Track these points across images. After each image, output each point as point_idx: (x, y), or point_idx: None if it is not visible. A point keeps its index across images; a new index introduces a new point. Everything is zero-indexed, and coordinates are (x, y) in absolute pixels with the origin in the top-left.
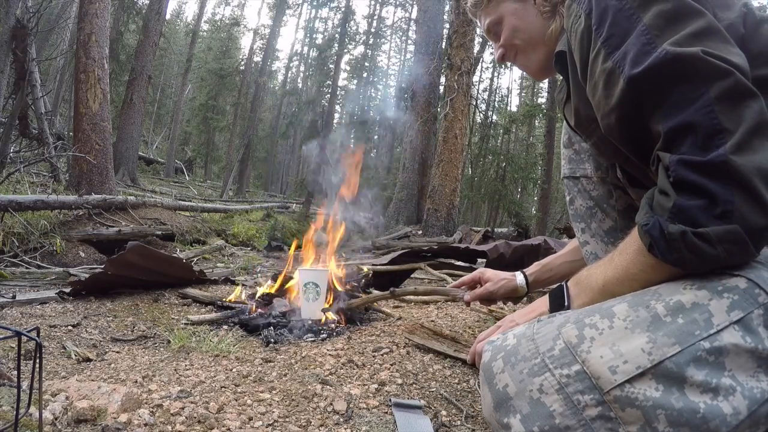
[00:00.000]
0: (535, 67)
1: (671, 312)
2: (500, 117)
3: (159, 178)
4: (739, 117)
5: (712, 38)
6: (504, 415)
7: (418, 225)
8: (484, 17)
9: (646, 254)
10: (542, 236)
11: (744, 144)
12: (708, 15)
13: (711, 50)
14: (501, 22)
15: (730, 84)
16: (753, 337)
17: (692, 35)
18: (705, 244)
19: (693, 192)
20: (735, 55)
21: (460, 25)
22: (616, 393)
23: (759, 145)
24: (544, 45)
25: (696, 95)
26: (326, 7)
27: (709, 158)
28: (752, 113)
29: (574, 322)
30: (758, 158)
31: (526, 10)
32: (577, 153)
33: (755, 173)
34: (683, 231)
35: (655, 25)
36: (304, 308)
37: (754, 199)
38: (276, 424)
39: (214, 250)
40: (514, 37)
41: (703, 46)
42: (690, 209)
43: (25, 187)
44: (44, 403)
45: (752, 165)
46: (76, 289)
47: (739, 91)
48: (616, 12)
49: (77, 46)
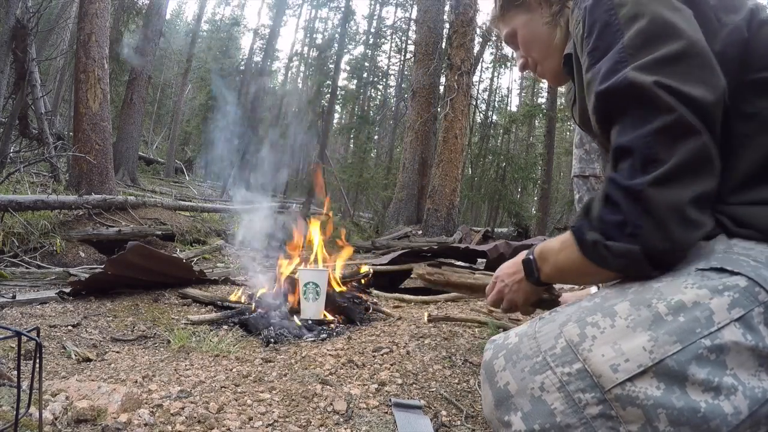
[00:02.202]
0: (551, 75)
1: (672, 311)
2: (500, 117)
3: (159, 178)
4: (672, 152)
5: (682, 64)
6: (505, 413)
7: (418, 225)
8: (502, 29)
9: (576, 249)
10: (542, 236)
11: (667, 178)
12: (686, 37)
13: (667, 81)
14: (516, 34)
15: (672, 120)
16: (754, 335)
17: (659, 61)
18: (609, 254)
19: (613, 208)
20: (698, 86)
21: (460, 25)
22: (617, 391)
23: (681, 181)
24: (555, 53)
25: (642, 123)
26: (326, 7)
27: (631, 184)
28: (686, 151)
29: (576, 320)
30: (674, 193)
31: (535, 21)
32: (587, 153)
33: (666, 206)
34: (596, 240)
35: (631, 44)
36: (304, 308)
37: (660, 228)
38: (276, 424)
39: (214, 250)
40: (529, 49)
41: (663, 75)
42: (608, 223)
43: (25, 187)
44: (44, 403)
45: (666, 199)
46: (76, 289)
47: (679, 128)
48: (603, 27)
49: (77, 46)
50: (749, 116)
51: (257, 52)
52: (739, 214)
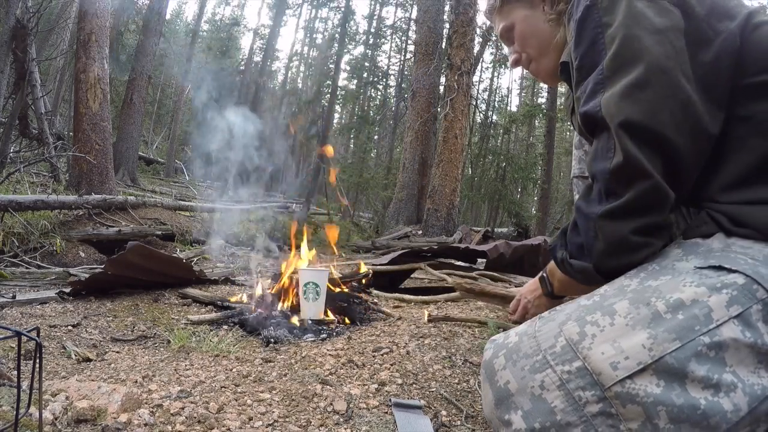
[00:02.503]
0: (546, 73)
1: (671, 309)
2: (500, 117)
3: (159, 178)
4: (626, 189)
5: (647, 90)
6: (505, 411)
7: (418, 225)
8: (498, 22)
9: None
10: (542, 236)
11: (617, 212)
12: (647, 60)
13: (630, 119)
14: (513, 28)
15: (626, 164)
16: (752, 332)
17: (625, 91)
18: (572, 269)
19: (576, 232)
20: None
21: (460, 25)
22: (617, 389)
23: (629, 215)
24: (553, 52)
25: (604, 158)
26: (326, 7)
27: (589, 213)
28: (635, 192)
29: (575, 319)
30: (621, 225)
31: (535, 16)
32: (587, 154)
33: (613, 235)
34: (563, 258)
35: (609, 66)
36: (304, 308)
37: (607, 251)
38: (276, 424)
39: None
40: (525, 44)
41: (628, 109)
42: (572, 244)
43: (25, 187)
44: (44, 403)
45: (613, 230)
46: (76, 289)
47: (633, 171)
48: (590, 44)
49: (77, 46)
50: (744, 119)
51: (257, 52)
52: (736, 214)
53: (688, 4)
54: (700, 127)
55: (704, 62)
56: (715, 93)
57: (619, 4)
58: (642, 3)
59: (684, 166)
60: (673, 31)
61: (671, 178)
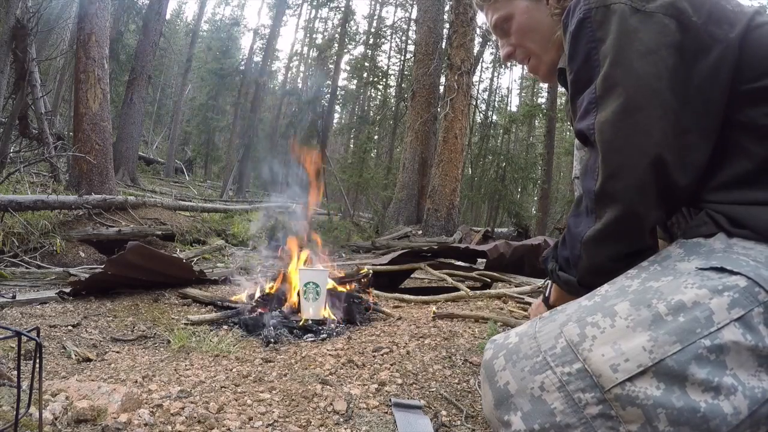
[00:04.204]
0: (545, 70)
1: (672, 311)
2: (500, 117)
3: (159, 178)
4: (603, 213)
5: (636, 116)
6: (505, 412)
7: (418, 225)
8: (492, 12)
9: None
10: (542, 236)
11: (599, 237)
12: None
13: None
14: (511, 19)
15: (603, 191)
16: (753, 335)
17: (611, 118)
18: (559, 280)
19: (564, 247)
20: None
21: (460, 25)
22: (617, 391)
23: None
24: (553, 48)
25: (592, 177)
26: (326, 7)
27: (576, 233)
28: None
29: (576, 320)
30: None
31: (538, 9)
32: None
33: (596, 260)
34: (553, 269)
35: (600, 86)
36: (304, 308)
37: (590, 271)
38: (276, 424)
39: (214, 250)
40: (525, 38)
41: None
42: (561, 257)
43: (25, 187)
44: (44, 403)
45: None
46: (76, 289)
47: (608, 198)
48: (584, 59)
49: (77, 46)
50: (742, 125)
51: (257, 52)
52: (734, 214)
53: (685, 14)
54: (689, 145)
55: (702, 70)
56: (710, 104)
57: (611, 18)
58: (635, 18)
59: (672, 181)
60: (666, 48)
61: (663, 198)
